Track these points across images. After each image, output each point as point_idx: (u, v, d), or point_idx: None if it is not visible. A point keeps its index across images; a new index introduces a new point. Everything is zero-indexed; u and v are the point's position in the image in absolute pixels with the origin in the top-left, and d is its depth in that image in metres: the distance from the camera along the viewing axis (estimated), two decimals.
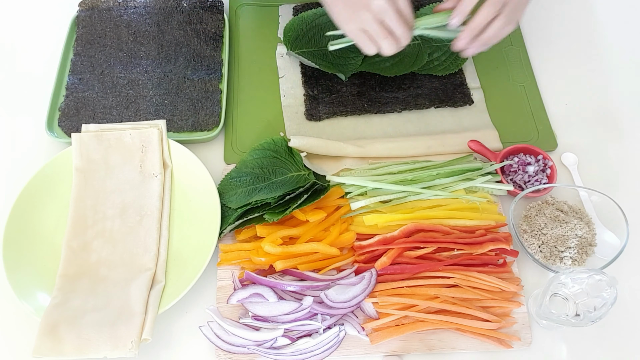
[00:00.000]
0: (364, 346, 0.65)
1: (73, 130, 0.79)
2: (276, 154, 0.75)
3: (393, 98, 0.84)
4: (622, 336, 0.68)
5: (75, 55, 0.87)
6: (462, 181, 0.73)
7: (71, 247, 0.70)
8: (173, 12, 0.91)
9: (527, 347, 0.66)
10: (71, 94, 0.83)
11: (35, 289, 0.67)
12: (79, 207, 0.72)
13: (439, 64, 0.86)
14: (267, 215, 0.68)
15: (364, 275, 0.67)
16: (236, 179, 0.74)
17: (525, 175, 0.75)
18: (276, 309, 0.65)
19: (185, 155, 0.75)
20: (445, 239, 0.69)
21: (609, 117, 0.84)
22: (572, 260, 0.69)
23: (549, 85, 0.86)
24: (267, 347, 0.63)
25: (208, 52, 0.87)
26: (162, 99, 0.83)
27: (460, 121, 0.82)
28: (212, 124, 0.81)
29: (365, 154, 0.78)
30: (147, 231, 0.71)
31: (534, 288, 0.70)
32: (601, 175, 0.79)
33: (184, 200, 0.75)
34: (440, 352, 0.66)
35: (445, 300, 0.66)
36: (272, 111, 0.84)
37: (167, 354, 0.67)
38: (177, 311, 0.69)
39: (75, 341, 0.62)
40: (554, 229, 0.70)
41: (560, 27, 0.94)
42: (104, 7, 0.91)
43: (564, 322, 0.62)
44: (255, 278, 0.67)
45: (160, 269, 0.69)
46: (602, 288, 0.61)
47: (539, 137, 0.81)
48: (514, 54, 0.89)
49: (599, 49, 0.92)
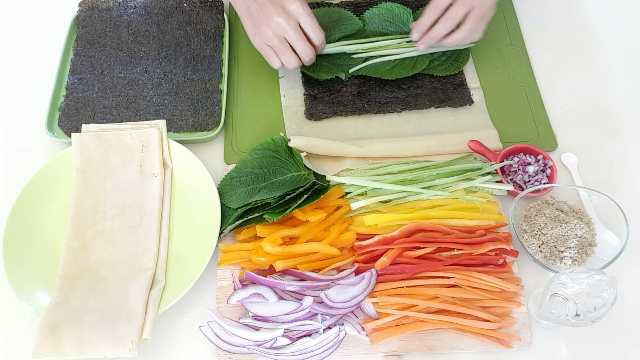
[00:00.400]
0: (364, 346, 0.65)
1: (73, 130, 0.79)
2: (276, 154, 0.75)
3: (393, 98, 0.84)
4: (622, 336, 0.68)
5: (75, 55, 0.87)
6: (462, 181, 0.73)
7: (71, 247, 0.70)
8: (173, 12, 0.91)
9: (527, 347, 0.66)
10: (71, 94, 0.83)
11: (35, 289, 0.67)
12: (79, 207, 0.72)
13: (439, 64, 0.86)
14: (267, 215, 0.68)
15: (364, 275, 0.67)
16: (236, 178, 0.74)
17: (525, 175, 0.75)
18: (276, 309, 0.65)
19: (185, 155, 0.75)
20: (445, 239, 0.69)
21: (609, 117, 0.84)
22: (572, 260, 0.69)
23: (549, 85, 0.86)
24: (267, 347, 0.63)
25: (208, 52, 0.87)
26: (162, 99, 0.83)
27: (460, 121, 0.82)
28: (212, 124, 0.81)
29: (365, 154, 0.78)
30: (147, 231, 0.71)
31: (534, 288, 0.70)
32: (601, 175, 0.79)
33: (184, 200, 0.75)
34: (440, 352, 0.66)
35: (445, 300, 0.66)
36: (272, 111, 0.84)
37: (167, 354, 0.67)
38: (177, 311, 0.69)
39: (75, 341, 0.62)
40: (554, 229, 0.70)
41: (560, 27, 0.94)
42: (104, 7, 0.91)
43: (564, 322, 0.62)
44: (255, 278, 0.67)
45: (160, 269, 0.69)
46: (602, 288, 0.61)
47: (539, 137, 0.81)
48: (514, 54, 0.89)
49: (599, 49, 0.92)
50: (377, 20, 0.89)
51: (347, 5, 0.92)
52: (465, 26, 0.79)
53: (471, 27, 0.79)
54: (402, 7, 0.88)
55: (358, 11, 0.91)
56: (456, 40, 0.80)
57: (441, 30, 0.79)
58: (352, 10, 0.90)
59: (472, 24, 0.78)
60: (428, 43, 0.82)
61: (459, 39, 0.80)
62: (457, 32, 0.79)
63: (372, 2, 0.91)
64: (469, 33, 0.79)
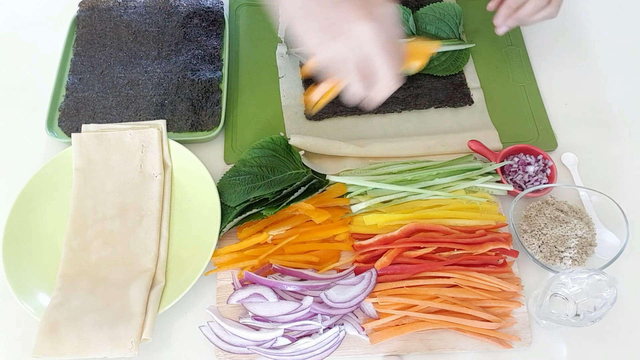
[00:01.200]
0: (364, 346, 0.65)
1: (73, 130, 0.79)
2: (275, 153, 0.75)
3: (393, 98, 0.84)
4: (622, 336, 0.68)
5: (75, 55, 0.87)
6: (462, 181, 0.73)
7: (71, 247, 0.70)
8: (173, 12, 0.91)
9: (527, 347, 0.66)
10: (71, 94, 0.83)
11: (35, 289, 0.67)
12: (79, 207, 0.72)
13: (439, 65, 0.86)
14: (265, 210, 0.68)
15: (364, 275, 0.67)
16: (235, 177, 0.74)
17: (525, 175, 0.75)
18: (276, 309, 0.65)
19: (185, 155, 0.75)
20: (445, 239, 0.69)
21: (609, 117, 0.84)
22: (572, 260, 0.69)
23: (549, 85, 0.86)
24: (267, 347, 0.63)
25: (208, 52, 0.87)
26: (162, 99, 0.83)
27: (460, 121, 0.82)
28: (212, 124, 0.81)
29: (365, 153, 0.78)
30: (147, 231, 0.71)
31: (534, 288, 0.70)
32: (601, 175, 0.79)
33: (184, 200, 0.75)
34: (440, 352, 0.66)
35: (445, 300, 0.66)
36: (272, 111, 0.84)
37: (167, 354, 0.67)
38: (177, 311, 0.69)
39: (75, 341, 0.62)
40: (554, 229, 0.70)
41: (560, 27, 0.94)
42: (104, 7, 0.91)
43: (564, 322, 0.62)
44: (255, 278, 0.67)
45: (160, 269, 0.69)
46: (602, 288, 0.61)
47: (539, 137, 0.81)
48: (514, 54, 0.89)
49: (599, 49, 0.92)
50: None
51: None
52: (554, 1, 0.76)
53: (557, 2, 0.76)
54: (402, 7, 0.88)
55: None
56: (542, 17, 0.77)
57: (533, 9, 0.76)
58: None
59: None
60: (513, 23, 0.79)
61: (546, 16, 0.77)
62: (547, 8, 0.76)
63: None
64: (555, 10, 0.77)
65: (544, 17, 0.78)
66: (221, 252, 0.70)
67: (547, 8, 0.76)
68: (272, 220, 0.72)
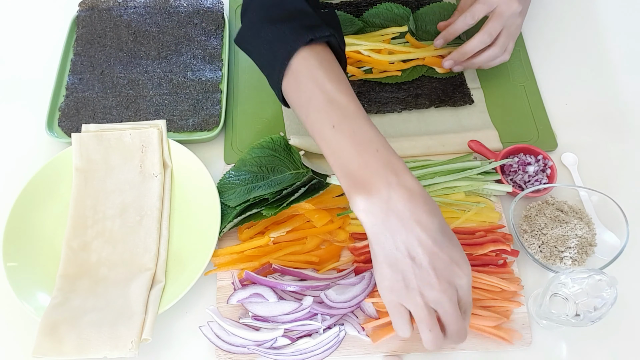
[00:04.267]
0: (364, 346, 0.65)
1: (73, 130, 0.79)
2: (275, 153, 0.75)
3: (393, 98, 0.84)
4: (622, 336, 0.68)
5: (75, 55, 0.87)
6: (461, 180, 0.73)
7: (71, 247, 0.70)
8: (173, 12, 0.91)
9: (527, 347, 0.66)
10: (71, 94, 0.83)
11: (35, 289, 0.67)
12: (79, 207, 0.72)
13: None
14: (264, 210, 0.68)
15: (364, 275, 0.67)
16: (235, 177, 0.74)
17: (525, 175, 0.75)
18: (276, 309, 0.65)
19: (185, 155, 0.75)
20: None
21: (609, 117, 0.84)
22: (572, 260, 0.69)
23: (549, 85, 0.86)
24: (267, 347, 0.63)
25: (208, 52, 0.87)
26: (162, 99, 0.83)
27: (460, 121, 0.82)
28: (212, 124, 0.81)
29: None
30: (147, 231, 0.71)
31: (534, 288, 0.70)
32: (601, 175, 0.79)
33: (184, 200, 0.75)
34: (441, 352, 0.66)
35: None
36: (271, 111, 0.84)
37: (167, 354, 0.67)
38: (177, 311, 0.69)
39: (75, 341, 0.62)
40: (554, 229, 0.70)
41: (560, 27, 0.94)
42: (104, 7, 0.91)
43: (564, 322, 0.62)
44: (255, 278, 0.67)
45: (160, 268, 0.69)
46: (602, 288, 0.61)
47: (539, 137, 0.81)
48: (514, 54, 0.89)
49: (599, 48, 0.92)
50: (377, 21, 0.89)
51: (347, 5, 0.92)
52: (499, 42, 0.73)
53: (503, 45, 0.73)
54: (401, 7, 0.89)
55: (358, 11, 0.91)
56: (488, 58, 0.75)
57: (477, 45, 0.73)
58: (352, 10, 0.91)
59: (504, 41, 0.72)
60: (458, 59, 0.76)
61: (491, 57, 0.75)
62: (490, 49, 0.74)
63: (372, 2, 0.91)
64: (500, 51, 0.74)
65: (496, 63, 0.78)
66: (221, 253, 0.70)
67: (502, 56, 0.76)
68: (272, 220, 0.72)
